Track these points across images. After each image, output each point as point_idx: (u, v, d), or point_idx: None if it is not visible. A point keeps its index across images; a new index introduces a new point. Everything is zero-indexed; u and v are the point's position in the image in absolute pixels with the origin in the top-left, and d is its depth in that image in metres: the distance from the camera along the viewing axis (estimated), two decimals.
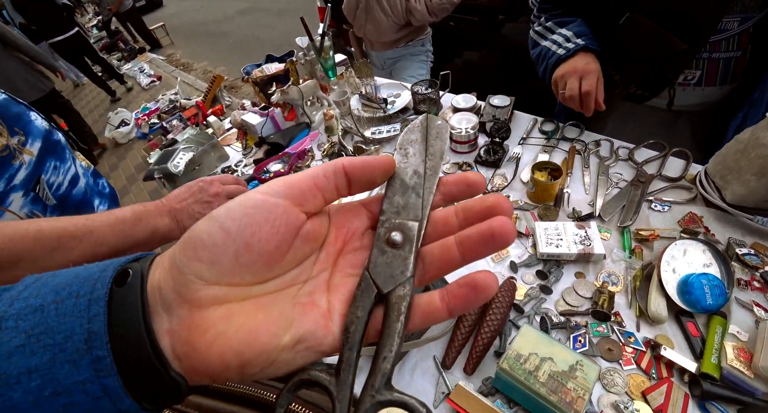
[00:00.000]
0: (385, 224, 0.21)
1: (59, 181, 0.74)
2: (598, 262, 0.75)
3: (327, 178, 0.21)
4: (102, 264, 0.19)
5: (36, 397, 0.16)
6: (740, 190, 0.75)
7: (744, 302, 0.65)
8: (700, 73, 0.94)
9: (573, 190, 0.89)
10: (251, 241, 0.18)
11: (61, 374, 0.16)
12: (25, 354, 0.16)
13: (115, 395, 0.16)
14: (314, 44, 1.25)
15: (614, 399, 0.58)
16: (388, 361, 0.18)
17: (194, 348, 0.17)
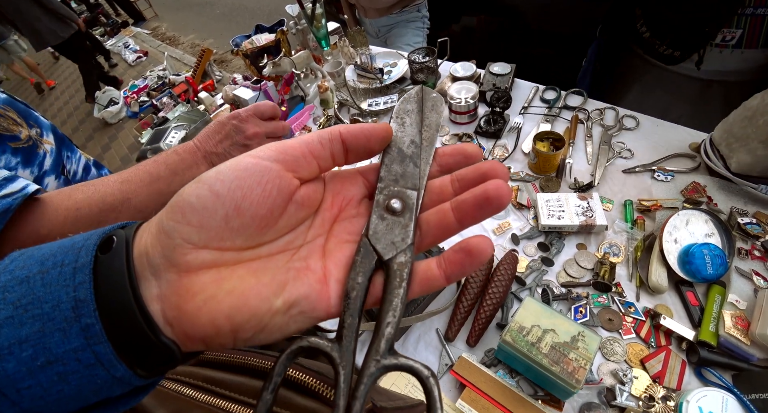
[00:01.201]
0: (384, 191, 0.21)
1: (75, 168, 0.75)
2: (599, 233, 0.75)
3: (322, 144, 0.20)
4: (86, 234, 0.18)
5: (29, 367, 0.16)
6: (746, 158, 0.74)
7: (744, 271, 0.65)
8: (741, 32, 0.85)
9: (575, 161, 0.88)
10: (242, 205, 0.18)
11: (51, 343, 0.16)
12: (14, 325, 0.16)
13: (108, 362, 0.16)
14: (305, 12, 1.19)
15: (613, 367, 0.60)
16: (391, 326, 0.18)
17: (184, 313, 0.17)
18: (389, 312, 0.19)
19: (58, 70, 5.37)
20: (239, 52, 1.27)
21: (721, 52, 0.92)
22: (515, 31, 2.38)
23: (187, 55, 3.90)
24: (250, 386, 0.33)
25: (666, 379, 0.58)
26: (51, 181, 0.65)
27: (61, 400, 0.17)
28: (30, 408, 0.16)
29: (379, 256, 0.20)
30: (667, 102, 1.10)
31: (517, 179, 0.86)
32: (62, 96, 4.46)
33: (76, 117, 3.87)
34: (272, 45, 1.27)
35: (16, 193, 0.44)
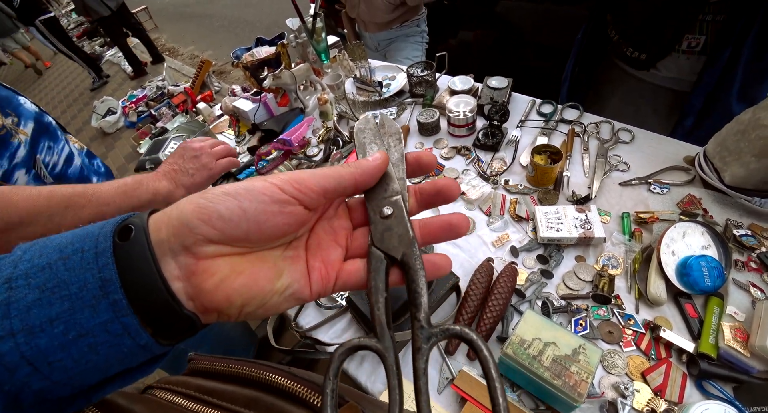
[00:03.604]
0: (372, 203, 0.25)
1: (54, 160, 0.75)
2: (598, 246, 0.75)
3: (337, 191, 0.24)
4: (98, 224, 0.21)
5: (62, 341, 0.18)
6: (740, 171, 0.75)
7: (741, 283, 0.66)
8: (704, 38, 0.90)
9: (572, 173, 0.89)
10: (263, 227, 0.21)
11: (82, 318, 0.18)
12: (43, 305, 0.18)
13: (135, 331, 0.19)
14: (306, 26, 1.21)
15: (615, 381, 0.59)
16: (424, 298, 0.21)
17: (203, 290, 0.20)
18: (419, 290, 0.22)
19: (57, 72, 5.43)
20: (240, 65, 1.28)
21: (688, 58, 0.95)
22: (512, 45, 2.43)
23: (186, 66, 3.93)
24: (242, 395, 0.33)
25: (668, 392, 0.58)
26: (21, 175, 0.67)
27: (88, 371, 0.19)
28: (59, 380, 0.18)
29: (391, 257, 0.23)
30: (645, 112, 1.13)
31: (515, 192, 0.86)
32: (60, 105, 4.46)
33: (73, 126, 3.87)
34: (272, 58, 1.28)
35: None
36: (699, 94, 0.94)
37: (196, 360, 0.44)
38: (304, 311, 0.81)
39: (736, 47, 0.86)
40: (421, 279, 0.22)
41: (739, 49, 0.86)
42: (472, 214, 0.85)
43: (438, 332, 0.21)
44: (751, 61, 0.88)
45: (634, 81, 1.09)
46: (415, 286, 0.22)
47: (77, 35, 5.55)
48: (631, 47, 1.04)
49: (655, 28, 0.96)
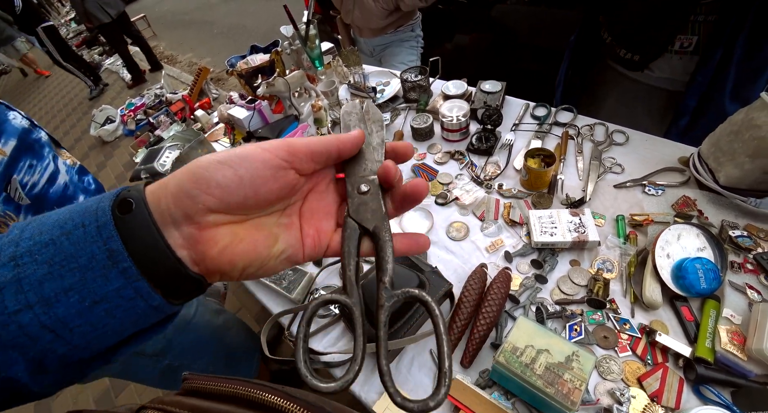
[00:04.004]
0: (351, 179, 0.27)
1: (35, 179, 0.73)
2: (592, 249, 0.75)
3: (322, 155, 0.25)
4: (95, 199, 0.22)
5: (79, 308, 0.19)
6: (734, 172, 0.75)
7: (737, 285, 0.65)
8: (696, 38, 0.90)
9: (567, 176, 0.88)
10: (260, 192, 0.23)
11: (95, 287, 0.20)
12: (55, 278, 0.19)
13: (147, 294, 0.21)
14: (299, 33, 1.21)
15: (610, 387, 0.59)
16: (389, 265, 0.24)
17: (208, 256, 0.22)
18: (386, 259, 0.25)
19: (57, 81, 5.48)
20: (234, 73, 1.29)
21: (681, 58, 0.95)
22: (508, 48, 2.44)
23: (184, 74, 3.95)
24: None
25: (664, 398, 0.57)
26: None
27: (106, 334, 0.21)
28: (79, 344, 0.20)
29: (364, 228, 0.26)
30: (640, 113, 1.12)
31: (509, 196, 0.86)
32: (59, 113, 4.49)
33: (72, 135, 3.88)
34: (267, 65, 1.29)
35: None
36: (693, 94, 0.94)
37: (191, 379, 0.44)
38: (297, 320, 0.81)
39: (728, 47, 0.86)
40: (389, 249, 0.25)
41: (731, 49, 0.86)
42: (465, 220, 0.84)
43: (399, 294, 0.24)
44: (743, 61, 0.88)
45: (627, 82, 1.09)
46: (383, 255, 0.25)
47: (76, 44, 5.59)
48: (624, 49, 1.04)
49: (648, 29, 0.96)
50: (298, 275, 0.84)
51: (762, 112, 0.71)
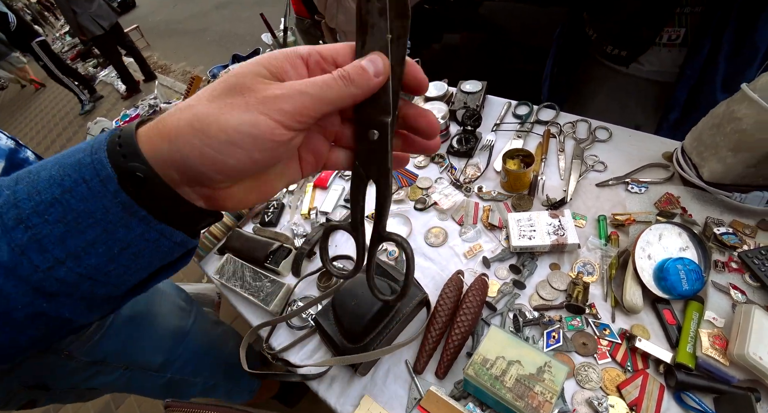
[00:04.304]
0: (362, 116, 0.26)
1: None
2: (573, 252, 0.73)
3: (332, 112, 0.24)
4: (80, 149, 0.21)
5: (108, 256, 0.21)
6: (717, 167, 0.72)
7: (720, 285, 0.63)
8: (684, 31, 0.87)
9: (548, 176, 0.86)
10: (270, 163, 0.24)
11: (119, 235, 0.21)
12: (75, 235, 0.20)
13: (169, 233, 0.23)
14: (277, 40, 1.20)
15: (588, 396, 0.57)
16: (385, 218, 0.28)
17: (223, 207, 0.25)
18: (383, 213, 0.28)
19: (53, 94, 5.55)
20: None
21: (669, 51, 0.93)
22: (498, 46, 2.41)
23: (178, 83, 3.96)
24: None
25: (644, 407, 0.55)
26: None
27: (138, 271, 0.23)
28: (116, 283, 0.23)
29: (369, 177, 0.27)
30: (632, 107, 1.10)
31: (488, 199, 0.84)
32: (56, 128, 4.52)
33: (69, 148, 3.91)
34: None
35: None
36: (683, 87, 0.92)
37: (173, 406, 0.45)
38: (276, 332, 0.80)
39: (715, 39, 0.84)
40: (387, 202, 0.27)
41: (719, 41, 0.83)
42: (444, 225, 0.83)
43: (385, 236, 0.28)
44: (731, 52, 0.85)
45: (617, 76, 1.06)
46: (380, 207, 0.27)
47: (71, 57, 5.65)
48: (611, 45, 1.01)
49: (633, 24, 0.93)
50: (275, 287, 0.83)
51: (742, 104, 0.68)
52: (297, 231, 0.94)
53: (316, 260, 0.87)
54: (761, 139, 0.65)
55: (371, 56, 0.23)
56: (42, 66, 3.99)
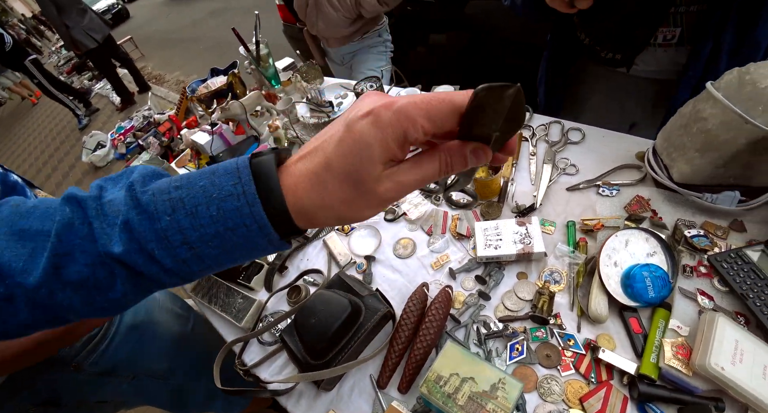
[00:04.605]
0: None
1: None
2: (540, 260, 0.72)
3: None
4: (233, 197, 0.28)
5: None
6: (686, 168, 0.71)
7: (687, 292, 0.62)
8: (680, 30, 0.85)
9: (519, 182, 0.85)
10: None
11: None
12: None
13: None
14: (251, 53, 1.20)
15: (550, 409, 0.56)
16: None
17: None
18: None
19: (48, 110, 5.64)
20: (194, 99, 1.28)
21: (666, 51, 0.90)
22: (486, 45, 2.39)
23: (171, 93, 4.00)
24: None
25: None
26: None
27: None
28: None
29: None
30: (631, 107, 1.07)
31: (458, 207, 0.83)
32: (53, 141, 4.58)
33: (66, 162, 3.96)
34: (225, 88, 1.28)
35: None
36: (685, 86, 0.88)
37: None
38: (249, 348, 0.80)
39: (716, 39, 0.81)
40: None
41: (719, 41, 0.81)
42: (413, 235, 0.82)
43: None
44: (732, 51, 0.82)
45: (613, 76, 1.03)
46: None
47: (67, 71, 5.72)
48: (604, 48, 0.98)
49: (627, 26, 0.90)
50: (246, 303, 0.83)
51: (707, 103, 0.67)
52: None
53: (289, 275, 0.87)
54: (727, 140, 0.64)
55: (478, 152, 0.27)
56: (36, 83, 4.05)
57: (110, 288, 0.29)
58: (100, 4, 7.66)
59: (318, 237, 0.90)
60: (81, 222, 0.29)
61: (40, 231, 0.29)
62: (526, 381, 0.59)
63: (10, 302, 0.28)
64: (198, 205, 0.27)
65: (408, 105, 0.25)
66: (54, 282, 0.28)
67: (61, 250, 0.28)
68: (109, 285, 0.29)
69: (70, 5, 3.38)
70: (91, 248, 0.28)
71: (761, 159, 0.64)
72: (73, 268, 0.28)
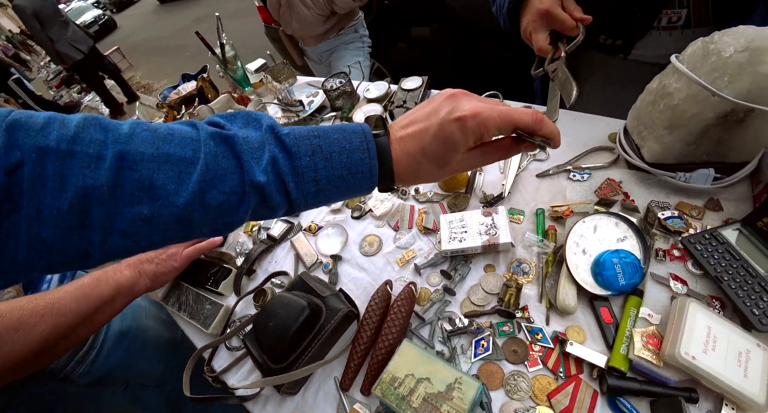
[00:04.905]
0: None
1: None
2: (508, 251, 0.68)
3: None
4: (360, 162, 0.37)
5: (350, 193, 0.39)
6: (656, 146, 0.67)
7: (660, 277, 0.58)
8: (686, 11, 0.78)
9: (487, 171, 0.82)
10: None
11: (362, 187, 0.39)
12: (340, 193, 0.39)
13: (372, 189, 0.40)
14: (217, 56, 1.18)
15: (516, 407, 0.53)
16: None
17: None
18: None
19: None
20: (164, 106, 1.26)
21: (670, 34, 0.84)
22: (470, 37, 2.34)
23: None
24: None
25: None
26: None
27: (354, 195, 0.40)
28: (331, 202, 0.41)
29: None
30: (633, 94, 1.01)
31: (424, 201, 0.80)
32: None
33: None
34: (195, 93, 1.26)
35: None
36: None
37: None
38: (218, 354, 0.77)
39: (743, 19, 0.74)
40: None
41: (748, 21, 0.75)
42: (380, 232, 0.79)
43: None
44: None
45: (614, 61, 0.97)
46: None
47: (56, 85, 5.73)
48: (603, 34, 0.93)
49: (626, 10, 0.84)
50: (214, 309, 0.80)
51: (672, 77, 0.64)
52: (240, 250, 0.91)
53: (257, 278, 0.84)
54: (694, 115, 0.60)
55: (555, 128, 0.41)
56: (21, 103, 4.05)
57: (234, 213, 0.35)
58: (86, 15, 7.66)
59: (286, 238, 0.87)
60: (225, 155, 0.34)
61: (182, 157, 0.32)
62: (492, 379, 0.56)
63: (160, 218, 0.32)
64: (332, 152, 0.36)
65: (487, 119, 0.37)
66: (197, 204, 0.32)
67: (208, 177, 0.33)
68: (236, 209, 0.34)
69: (52, 18, 3.38)
70: (231, 178, 0.33)
71: (733, 133, 0.61)
72: (214, 194, 0.33)
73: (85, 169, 0.29)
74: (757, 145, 0.62)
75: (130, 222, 0.31)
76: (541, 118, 0.39)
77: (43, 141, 0.29)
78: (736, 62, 0.54)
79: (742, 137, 0.60)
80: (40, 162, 0.29)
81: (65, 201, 0.29)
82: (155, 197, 0.31)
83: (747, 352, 0.47)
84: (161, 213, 0.32)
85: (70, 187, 0.29)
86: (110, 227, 0.31)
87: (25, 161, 0.28)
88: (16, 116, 0.30)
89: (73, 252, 0.31)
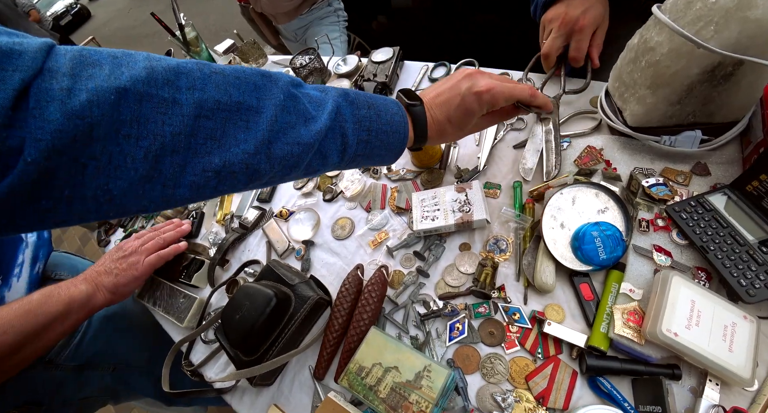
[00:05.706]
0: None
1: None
2: (483, 228, 0.65)
3: None
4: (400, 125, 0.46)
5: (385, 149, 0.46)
6: (638, 108, 0.63)
7: (643, 249, 0.55)
8: None
9: (462, 144, 0.77)
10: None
11: (396, 145, 0.47)
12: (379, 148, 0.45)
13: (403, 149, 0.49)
14: (178, 39, 1.10)
15: (493, 391, 0.50)
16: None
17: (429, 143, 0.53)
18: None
19: None
20: None
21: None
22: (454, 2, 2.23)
23: None
24: None
25: (551, 398, 0.48)
26: None
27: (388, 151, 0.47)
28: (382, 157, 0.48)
29: None
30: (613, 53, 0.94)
31: (396, 179, 0.76)
32: None
33: None
34: None
35: None
36: None
37: None
38: (195, 347, 0.75)
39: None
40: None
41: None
42: (352, 214, 0.75)
43: None
44: None
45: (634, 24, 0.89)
46: None
47: None
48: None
49: None
50: (188, 302, 0.77)
51: (654, 30, 0.58)
52: (213, 240, 0.87)
53: (231, 268, 0.81)
54: (678, 71, 0.55)
55: (546, 99, 0.54)
56: None
57: (297, 164, 0.37)
58: (58, 5, 7.32)
59: (258, 226, 0.83)
60: (291, 112, 0.36)
61: (250, 106, 0.33)
62: (468, 363, 0.53)
63: (230, 167, 0.32)
64: (381, 112, 0.43)
65: (498, 93, 0.48)
66: (263, 154, 0.34)
67: (275, 128, 0.34)
68: (297, 160, 0.37)
69: (17, 16, 3.21)
70: (293, 132, 0.36)
71: (721, 89, 0.56)
72: (279, 145, 0.35)
73: (162, 116, 0.28)
74: (748, 101, 0.57)
75: (201, 173, 0.30)
76: (536, 93, 0.52)
77: (117, 81, 0.27)
78: (722, 8, 0.48)
79: (731, 94, 0.56)
80: (116, 105, 0.26)
81: (140, 150, 0.27)
82: (225, 146, 0.31)
83: (733, 325, 0.44)
84: (232, 162, 0.32)
85: (148, 135, 0.27)
86: (179, 180, 0.30)
87: (97, 103, 0.25)
88: (77, 48, 0.28)
89: (135, 208, 0.29)
